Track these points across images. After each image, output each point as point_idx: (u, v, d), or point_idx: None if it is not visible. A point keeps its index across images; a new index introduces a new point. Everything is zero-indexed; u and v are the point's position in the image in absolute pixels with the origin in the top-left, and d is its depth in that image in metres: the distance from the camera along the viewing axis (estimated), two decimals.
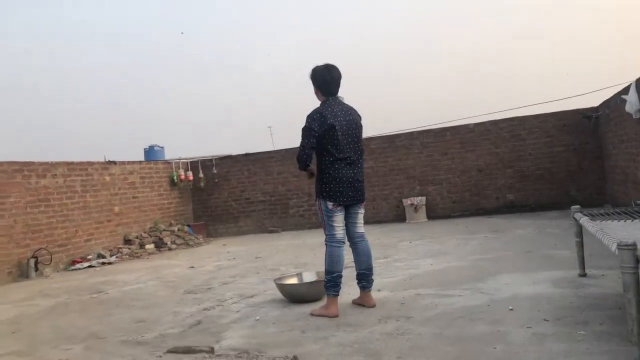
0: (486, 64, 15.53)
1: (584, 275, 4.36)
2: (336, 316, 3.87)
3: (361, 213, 4.17)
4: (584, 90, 10.31)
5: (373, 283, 4.18)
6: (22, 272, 7.92)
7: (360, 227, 4.17)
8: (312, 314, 4.00)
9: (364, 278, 4.11)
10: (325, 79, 4.07)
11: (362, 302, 4.13)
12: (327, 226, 4.06)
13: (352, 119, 4.07)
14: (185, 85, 17.99)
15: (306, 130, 3.98)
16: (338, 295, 3.98)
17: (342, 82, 4.15)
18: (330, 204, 3.99)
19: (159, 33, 18.77)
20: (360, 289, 4.16)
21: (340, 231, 4.03)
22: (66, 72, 17.36)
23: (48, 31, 17.82)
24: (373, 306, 4.07)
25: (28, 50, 17.33)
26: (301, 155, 4.00)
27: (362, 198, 4.14)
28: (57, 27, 18.30)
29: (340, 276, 3.99)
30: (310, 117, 4.00)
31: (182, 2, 18.46)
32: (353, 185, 4.02)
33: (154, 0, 18.79)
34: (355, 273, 4.20)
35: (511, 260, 5.46)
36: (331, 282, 3.96)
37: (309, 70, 4.15)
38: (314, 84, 4.14)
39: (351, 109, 4.16)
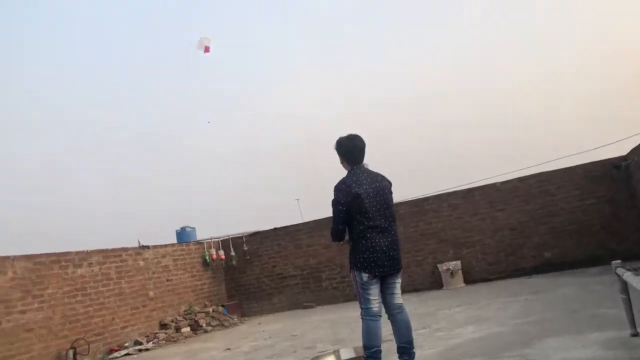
0: (509, 120, 15.61)
1: (636, 334, 4.15)
2: None
3: (398, 282, 4.07)
4: (609, 139, 10.24)
5: (415, 356, 4.04)
6: None
7: (398, 298, 4.06)
8: None
9: (405, 352, 3.96)
10: (349, 149, 4.14)
11: None
12: (362, 299, 3.95)
13: (379, 186, 4.06)
14: (213, 166, 18.48)
15: (335, 204, 4.02)
16: None
17: (369, 149, 4.20)
18: (365, 276, 3.89)
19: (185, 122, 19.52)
20: None
21: (376, 304, 3.92)
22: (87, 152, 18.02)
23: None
24: None
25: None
26: (334, 230, 4.04)
27: (399, 267, 4.05)
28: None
29: (380, 351, 3.87)
30: (337, 189, 4.05)
31: (209, 95, 19.29)
32: (388, 254, 3.93)
33: (179, 98, 19.72)
34: (395, 346, 4.07)
35: (556, 322, 5.25)
36: (371, 357, 3.84)
37: (333, 142, 4.25)
38: (338, 154, 4.21)
39: (378, 175, 4.17)
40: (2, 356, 7.20)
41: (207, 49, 11.33)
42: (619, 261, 4.29)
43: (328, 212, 4.14)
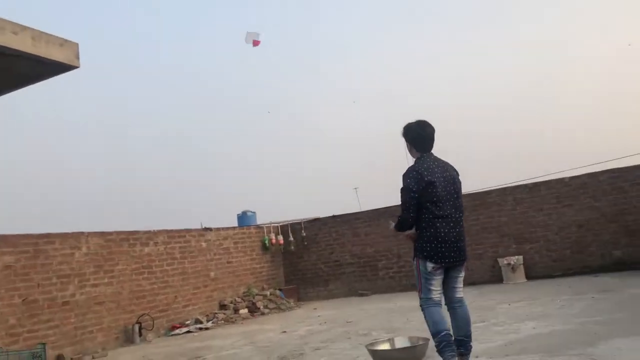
0: (576, 115, 14.95)
1: None
2: None
3: (461, 276, 3.97)
4: None
5: (471, 350, 3.96)
6: (127, 337, 8.35)
7: (460, 292, 3.96)
8: None
9: (462, 345, 3.86)
10: (419, 135, 4.01)
11: None
12: (423, 289, 3.85)
13: (450, 175, 3.95)
14: (274, 152, 18.78)
15: (405, 192, 3.86)
16: (456, 355, 3.70)
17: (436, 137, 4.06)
18: (430, 266, 3.79)
19: (244, 104, 19.87)
20: (457, 356, 3.89)
21: (437, 295, 3.84)
22: (153, 141, 18.72)
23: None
24: None
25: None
26: (404, 220, 3.89)
27: (464, 258, 3.93)
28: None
29: (449, 334, 3.72)
30: (407, 176, 3.89)
31: (263, 77, 19.52)
32: (456, 245, 3.83)
33: (244, 74, 20.07)
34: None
35: (625, 323, 5.01)
36: (442, 341, 3.67)
37: (400, 128, 4.13)
38: (406, 140, 4.09)
39: (447, 164, 4.04)
40: (75, 326, 7.68)
41: (256, 43, 11.51)
42: None
43: (386, 201, 4.08)
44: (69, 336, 7.56)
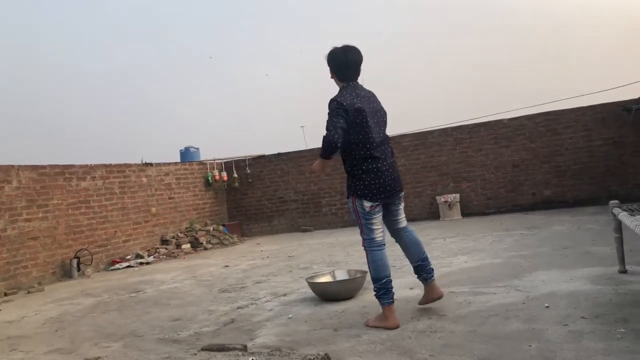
0: (517, 58, 15.22)
1: (624, 271, 4.24)
2: (397, 327, 3.46)
3: (400, 209, 3.79)
4: (622, 82, 10.02)
5: (433, 272, 3.85)
6: (65, 272, 8.19)
7: (403, 222, 3.81)
8: (366, 325, 3.61)
9: (422, 269, 3.78)
10: (342, 62, 3.65)
11: (431, 297, 3.79)
12: (365, 229, 3.63)
13: (377, 106, 3.70)
14: (218, 89, 18.27)
15: (333, 111, 3.49)
16: (393, 302, 3.58)
17: (364, 66, 3.71)
18: (367, 205, 3.57)
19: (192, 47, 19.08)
20: (422, 282, 3.85)
21: (380, 234, 3.63)
22: (100, 74, 17.82)
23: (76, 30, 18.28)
24: (441, 296, 3.79)
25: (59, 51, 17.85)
26: (331, 136, 3.42)
27: (400, 188, 3.72)
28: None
29: (390, 280, 3.59)
30: (334, 100, 3.56)
31: (212, 25, 18.69)
32: (389, 178, 3.62)
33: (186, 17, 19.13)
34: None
35: (548, 257, 5.34)
36: (382, 289, 3.56)
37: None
38: (330, 67, 3.74)
39: (373, 95, 3.75)
40: (7, 262, 7.44)
41: None
42: (616, 201, 4.31)
43: None
44: (1, 271, 7.34)
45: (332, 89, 3.76)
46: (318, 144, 11.36)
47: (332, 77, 3.78)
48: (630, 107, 9.40)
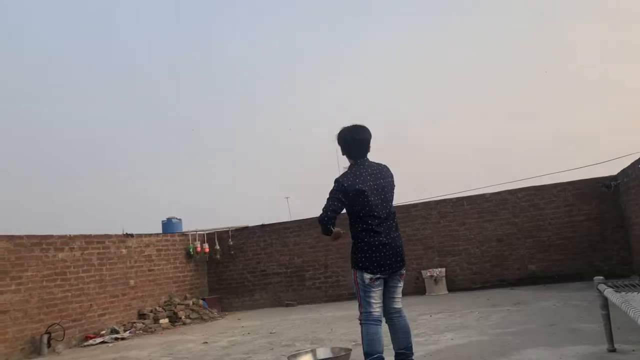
0: (500, 136, 15.67)
1: (613, 350, 4.13)
2: None
3: (400, 287, 3.80)
4: (601, 158, 10.27)
5: None
6: (34, 349, 7.80)
7: (399, 302, 3.80)
8: None
9: (404, 359, 3.73)
10: (352, 142, 3.84)
11: None
12: (363, 302, 3.66)
13: (383, 183, 3.80)
14: (203, 157, 18.41)
15: (332, 193, 3.70)
16: None
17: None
18: (367, 277, 3.62)
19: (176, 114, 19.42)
20: None
21: (377, 308, 3.64)
22: (78, 142, 17.88)
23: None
24: None
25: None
26: (322, 217, 3.63)
27: (403, 263, 3.77)
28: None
29: (382, 358, 3.57)
30: (337, 181, 3.74)
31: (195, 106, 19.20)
32: (391, 252, 3.67)
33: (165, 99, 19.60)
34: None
35: (535, 334, 5.22)
36: None
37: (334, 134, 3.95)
38: (340, 146, 3.92)
39: (382, 169, 3.89)
40: None
41: None
42: (601, 277, 4.28)
43: (317, 212, 3.84)
44: None
45: (323, 164, 3.84)
46: (303, 214, 11.44)
47: (343, 155, 3.95)
48: (609, 183, 9.59)
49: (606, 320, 4.18)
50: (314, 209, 3.85)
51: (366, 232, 3.68)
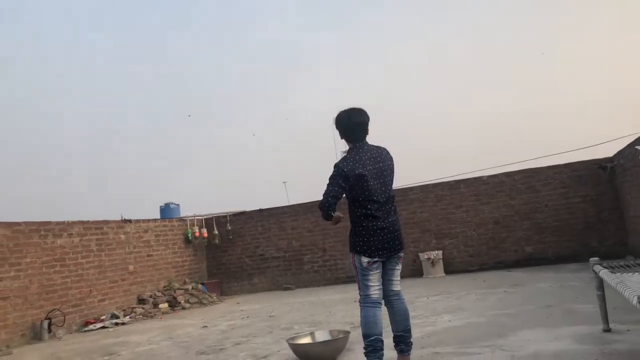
0: (498, 115, 15.63)
1: (608, 330, 4.19)
2: None
3: (398, 269, 3.80)
4: (597, 140, 10.28)
5: (412, 346, 3.82)
6: (35, 334, 7.85)
7: (397, 285, 3.80)
8: None
9: (402, 341, 3.75)
10: (347, 126, 3.81)
11: None
12: (361, 285, 3.69)
13: (383, 166, 3.76)
14: (201, 141, 18.38)
15: (332, 178, 3.67)
16: None
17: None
18: (365, 261, 3.62)
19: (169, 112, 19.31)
20: (397, 353, 3.80)
21: (376, 291, 3.66)
22: (76, 124, 17.81)
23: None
24: None
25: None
26: (322, 204, 3.62)
27: (400, 247, 3.76)
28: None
29: (381, 340, 3.58)
30: (337, 166, 3.69)
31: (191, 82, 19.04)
32: (389, 236, 3.67)
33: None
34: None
35: (532, 315, 5.28)
36: (370, 346, 3.55)
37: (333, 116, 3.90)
38: (338, 130, 3.89)
39: (381, 152, 3.85)
40: None
41: None
42: (597, 259, 4.32)
43: (314, 196, 3.85)
44: None
45: (318, 148, 3.81)
46: (300, 199, 11.46)
47: (342, 139, 3.91)
48: (605, 165, 9.62)
49: (601, 300, 4.23)
50: (312, 192, 3.82)
51: (365, 217, 3.66)
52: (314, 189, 3.83)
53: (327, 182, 3.70)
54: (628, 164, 8.44)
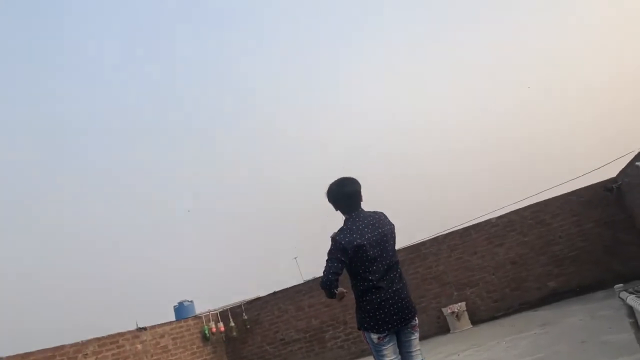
0: (497, 153, 15.69)
1: None
2: None
3: (414, 339, 3.60)
4: (598, 163, 10.19)
5: None
6: None
7: (417, 355, 3.59)
8: None
9: None
10: (340, 197, 3.69)
11: None
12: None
13: (382, 232, 3.61)
14: (203, 240, 18.37)
15: (330, 253, 3.52)
16: None
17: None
18: (375, 337, 3.45)
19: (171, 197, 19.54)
20: None
21: None
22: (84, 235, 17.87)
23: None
24: None
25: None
26: (324, 282, 3.47)
27: (412, 315, 3.56)
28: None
29: None
30: (334, 239, 3.55)
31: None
32: (396, 306, 3.48)
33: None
34: None
35: (567, 354, 5.01)
36: None
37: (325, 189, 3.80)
38: (330, 203, 3.77)
39: (379, 218, 3.70)
40: None
41: None
42: (621, 285, 4.13)
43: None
44: None
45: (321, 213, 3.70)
46: (314, 272, 11.24)
47: (336, 211, 3.78)
48: (610, 186, 9.49)
49: (635, 328, 4.00)
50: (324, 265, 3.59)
51: (368, 290, 3.50)
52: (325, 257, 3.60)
53: (326, 257, 3.56)
54: (634, 182, 8.32)
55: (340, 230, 3.62)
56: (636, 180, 8.07)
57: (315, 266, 12.01)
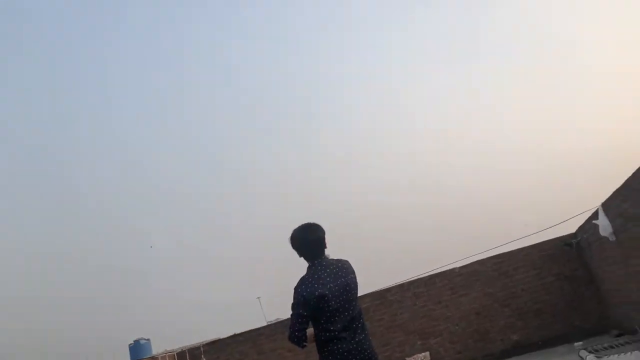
0: (465, 207, 15.98)
1: None
2: None
3: None
4: (558, 218, 10.46)
5: None
6: None
7: None
8: None
9: None
10: (302, 244, 3.61)
11: None
12: None
13: (344, 281, 3.54)
14: (167, 277, 17.93)
15: (294, 307, 3.48)
16: None
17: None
18: None
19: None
20: None
21: None
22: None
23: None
24: None
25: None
26: (291, 339, 3.46)
27: None
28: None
29: None
30: (296, 291, 3.48)
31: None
32: (361, 355, 3.42)
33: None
34: None
35: None
36: None
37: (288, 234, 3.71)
38: (294, 249, 3.67)
39: (341, 266, 3.63)
40: None
41: None
42: (581, 343, 4.22)
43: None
44: None
45: (294, 259, 3.65)
46: (278, 314, 11.00)
47: (300, 257, 3.67)
48: (570, 241, 9.73)
49: None
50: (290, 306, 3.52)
51: (329, 341, 3.44)
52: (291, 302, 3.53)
53: (291, 312, 3.50)
54: (591, 238, 8.56)
55: (302, 280, 3.55)
56: (593, 237, 8.31)
57: (280, 308, 11.80)
